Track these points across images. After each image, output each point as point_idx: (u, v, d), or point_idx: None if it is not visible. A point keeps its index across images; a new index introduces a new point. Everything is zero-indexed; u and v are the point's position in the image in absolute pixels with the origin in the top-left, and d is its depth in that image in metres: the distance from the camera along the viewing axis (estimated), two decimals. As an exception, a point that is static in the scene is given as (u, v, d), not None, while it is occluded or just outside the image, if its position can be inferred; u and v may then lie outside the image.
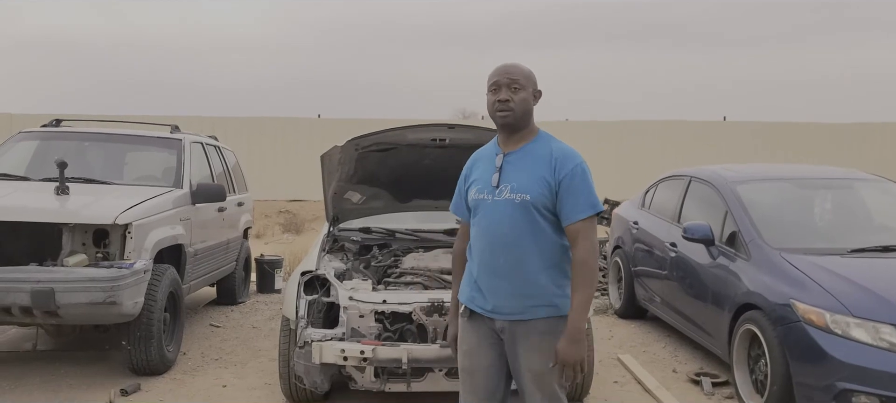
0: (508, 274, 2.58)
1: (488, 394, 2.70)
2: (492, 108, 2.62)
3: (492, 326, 2.66)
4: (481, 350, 2.68)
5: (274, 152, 21.03)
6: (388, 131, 4.72)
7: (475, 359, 2.69)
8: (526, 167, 2.60)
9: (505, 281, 2.59)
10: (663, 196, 6.54)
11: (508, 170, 2.62)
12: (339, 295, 4.14)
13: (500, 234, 2.58)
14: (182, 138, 6.22)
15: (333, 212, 5.41)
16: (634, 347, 5.94)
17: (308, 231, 14.56)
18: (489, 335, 2.67)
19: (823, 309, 4.00)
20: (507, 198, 2.57)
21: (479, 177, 2.69)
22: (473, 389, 2.70)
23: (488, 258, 2.61)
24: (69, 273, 4.39)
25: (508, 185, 2.59)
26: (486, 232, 2.62)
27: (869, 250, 4.63)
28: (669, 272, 5.79)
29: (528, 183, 2.57)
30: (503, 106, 2.59)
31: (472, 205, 2.69)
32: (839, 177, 5.81)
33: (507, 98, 2.59)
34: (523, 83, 2.61)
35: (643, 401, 4.67)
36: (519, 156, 2.63)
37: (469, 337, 2.71)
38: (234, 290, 7.35)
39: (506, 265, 2.58)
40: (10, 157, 5.89)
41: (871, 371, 3.78)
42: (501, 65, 2.65)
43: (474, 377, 2.70)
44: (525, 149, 2.64)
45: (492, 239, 2.60)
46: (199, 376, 5.06)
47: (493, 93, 2.62)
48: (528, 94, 2.63)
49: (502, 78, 2.61)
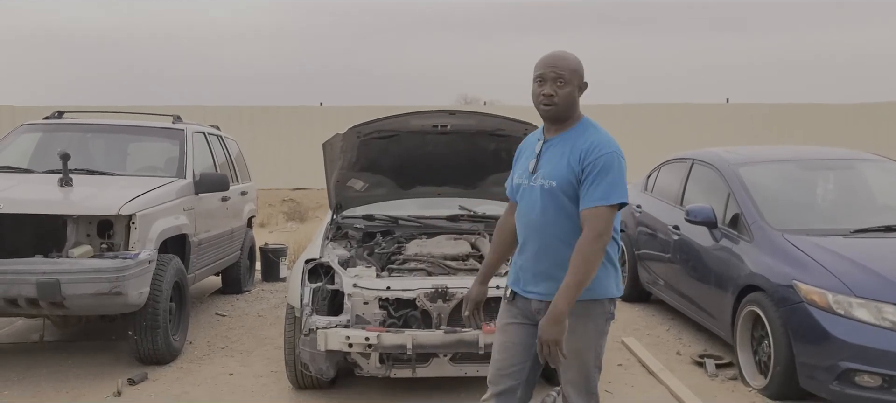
0: (541, 256, 2.65)
1: (514, 370, 2.75)
2: (536, 100, 2.66)
3: (529, 307, 2.72)
4: (512, 327, 2.76)
5: (277, 141, 21.01)
6: (389, 118, 4.72)
7: (506, 336, 2.77)
8: (559, 154, 2.65)
9: (538, 264, 2.66)
10: (666, 179, 6.54)
11: (545, 157, 2.68)
12: (344, 282, 4.15)
13: (533, 219, 2.66)
14: (184, 128, 6.22)
15: (336, 200, 5.42)
16: (638, 330, 5.96)
17: (312, 219, 14.57)
18: (524, 316, 2.74)
19: (826, 289, 4.02)
20: (539, 184, 2.65)
21: (521, 163, 2.79)
22: (503, 365, 2.77)
23: (524, 241, 2.71)
24: (74, 264, 4.41)
25: (541, 172, 2.66)
26: (521, 217, 2.73)
27: (871, 230, 4.64)
28: (673, 255, 5.80)
29: (556, 169, 2.62)
30: (548, 100, 2.62)
31: (515, 191, 2.78)
32: (841, 157, 5.80)
33: (552, 93, 2.61)
34: (568, 77, 2.62)
35: (647, 383, 4.69)
36: (556, 143, 2.68)
37: (506, 315, 2.80)
38: (238, 279, 7.37)
39: (538, 248, 2.66)
40: (13, 150, 5.90)
41: (873, 350, 3.80)
42: (549, 55, 2.65)
43: (503, 353, 2.77)
44: (563, 136, 2.68)
45: (526, 224, 2.70)
46: (205, 364, 5.09)
47: (538, 84, 2.64)
48: (574, 88, 2.64)
49: (548, 72, 2.62)
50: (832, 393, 3.94)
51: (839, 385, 3.90)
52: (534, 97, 2.67)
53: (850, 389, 3.88)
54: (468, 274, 4.38)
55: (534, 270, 2.68)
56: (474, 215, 5.54)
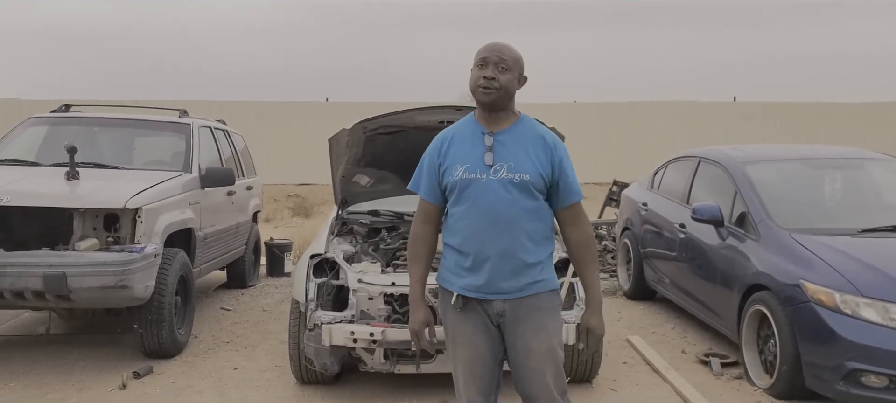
0: (507, 252, 2.56)
1: (490, 383, 2.68)
2: (475, 83, 2.57)
3: (488, 311, 2.62)
4: (477, 339, 2.64)
5: (282, 136, 21.06)
6: (395, 114, 4.71)
7: (473, 350, 2.65)
8: (520, 147, 2.59)
9: (504, 260, 2.56)
10: (672, 177, 6.52)
11: (500, 149, 2.59)
12: (349, 277, 4.15)
13: (500, 212, 2.54)
14: (191, 123, 6.23)
15: (342, 196, 5.41)
16: (643, 328, 5.94)
17: (317, 214, 14.59)
18: (484, 323, 2.64)
19: (833, 288, 4.00)
20: (504, 177, 2.55)
21: (463, 156, 2.61)
22: (474, 380, 2.66)
23: (487, 237, 2.56)
24: (81, 257, 4.42)
25: (504, 164, 2.56)
26: (483, 212, 2.56)
27: (879, 230, 4.62)
28: (678, 253, 5.78)
29: (525, 163, 2.56)
30: (488, 83, 2.55)
31: (458, 185, 2.59)
32: (849, 156, 5.77)
33: (493, 76, 2.55)
34: (511, 65, 2.58)
35: (652, 382, 4.68)
36: (510, 136, 2.61)
37: (464, 328, 2.65)
38: (244, 274, 7.39)
39: (505, 243, 2.55)
40: (20, 143, 5.92)
41: (880, 350, 3.78)
42: (492, 42, 2.62)
43: (474, 367, 2.66)
44: (514, 129, 2.62)
45: (490, 218, 2.55)
46: (210, 358, 5.10)
47: (479, 68, 2.58)
48: (514, 77, 2.60)
49: (491, 55, 2.57)
50: (838, 393, 3.92)
51: (845, 385, 3.88)
52: (472, 81, 2.59)
53: (856, 389, 3.86)
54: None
55: (502, 269, 2.56)
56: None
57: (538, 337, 2.59)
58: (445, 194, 2.67)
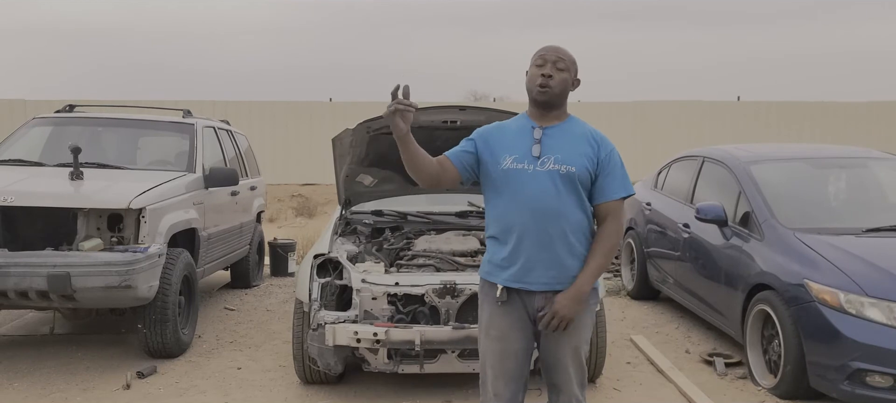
0: (552, 243, 2.61)
1: (518, 380, 2.74)
2: (533, 81, 2.66)
3: (528, 305, 2.67)
4: (514, 334, 2.69)
5: (286, 136, 21.06)
6: (399, 113, 4.71)
7: (507, 345, 2.70)
8: (568, 142, 2.66)
9: (547, 252, 2.61)
10: (676, 176, 6.51)
11: (549, 143, 2.66)
12: (352, 277, 4.15)
13: (546, 204, 2.60)
14: (194, 123, 6.24)
15: (345, 195, 5.42)
16: (647, 328, 5.94)
17: (321, 214, 14.60)
18: (521, 318, 2.69)
19: (837, 288, 3.99)
20: (551, 169, 2.61)
21: (511, 147, 2.67)
22: (504, 375, 2.71)
23: (532, 227, 2.60)
24: (85, 257, 4.43)
25: (552, 157, 2.63)
26: (529, 202, 2.60)
27: (884, 229, 4.60)
28: (682, 253, 5.77)
29: (572, 156, 2.63)
30: (545, 81, 2.63)
31: (503, 175, 2.65)
32: (854, 155, 5.75)
33: (550, 74, 2.64)
34: (567, 65, 2.67)
35: (656, 382, 4.67)
36: (559, 132, 2.68)
37: (501, 322, 2.70)
38: (247, 274, 7.39)
39: (549, 234, 2.60)
40: (24, 143, 5.93)
41: (885, 350, 3.78)
42: (551, 45, 2.71)
43: (505, 363, 2.71)
44: (562, 126, 2.70)
45: (536, 209, 2.60)
46: (214, 358, 5.11)
47: (537, 67, 2.66)
48: (569, 78, 2.68)
49: (550, 55, 2.66)
50: (843, 393, 3.92)
51: (850, 385, 3.87)
52: (531, 79, 2.67)
53: (860, 389, 3.85)
54: (477, 271, 4.36)
55: (542, 259, 2.61)
56: (483, 211, 5.52)
57: (569, 331, 2.66)
58: (483, 178, 2.73)
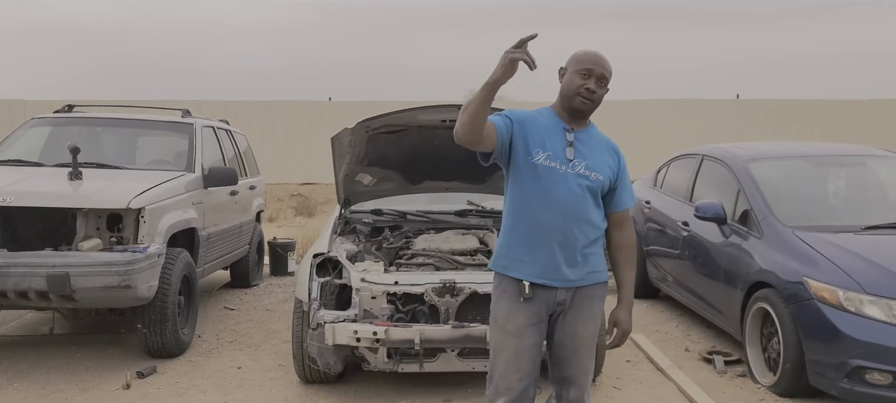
0: (576, 243, 2.68)
1: (530, 376, 2.76)
2: (575, 90, 2.64)
3: (549, 301, 2.70)
4: (530, 331, 2.72)
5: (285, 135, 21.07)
6: (398, 113, 4.71)
7: (522, 341, 2.72)
8: (595, 150, 2.73)
9: (571, 251, 2.68)
10: (675, 175, 6.52)
11: (580, 147, 2.70)
12: (352, 276, 4.15)
13: (571, 204, 2.65)
14: (193, 122, 6.24)
15: (345, 195, 5.42)
16: (646, 326, 5.94)
17: (320, 213, 14.60)
18: (539, 315, 2.73)
19: (836, 286, 3.99)
20: (581, 173, 2.67)
21: (544, 142, 2.67)
22: (517, 371, 2.73)
23: (559, 225, 2.65)
24: (84, 257, 4.43)
25: (582, 162, 2.68)
26: (558, 202, 2.64)
27: (883, 227, 4.60)
28: (681, 251, 5.77)
29: (600, 165, 2.71)
30: (589, 95, 2.65)
31: (532, 169, 2.65)
32: (853, 153, 5.76)
33: (594, 89, 2.65)
34: (607, 81, 2.70)
35: (655, 380, 4.68)
36: (586, 137, 2.74)
37: (517, 318, 2.72)
38: (247, 273, 7.39)
39: (576, 235, 2.67)
40: (23, 143, 5.93)
41: (884, 348, 3.78)
42: (597, 54, 2.69)
43: (520, 359, 2.73)
44: (589, 132, 2.76)
45: (567, 212, 2.65)
46: (213, 358, 5.11)
47: (582, 77, 2.65)
48: (606, 92, 2.74)
49: (597, 69, 2.65)
50: (842, 391, 3.92)
51: (849, 383, 3.87)
52: (572, 87, 2.65)
53: (860, 387, 3.85)
54: (476, 270, 4.37)
55: (566, 258, 2.67)
56: (482, 210, 5.53)
57: (586, 324, 2.76)
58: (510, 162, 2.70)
